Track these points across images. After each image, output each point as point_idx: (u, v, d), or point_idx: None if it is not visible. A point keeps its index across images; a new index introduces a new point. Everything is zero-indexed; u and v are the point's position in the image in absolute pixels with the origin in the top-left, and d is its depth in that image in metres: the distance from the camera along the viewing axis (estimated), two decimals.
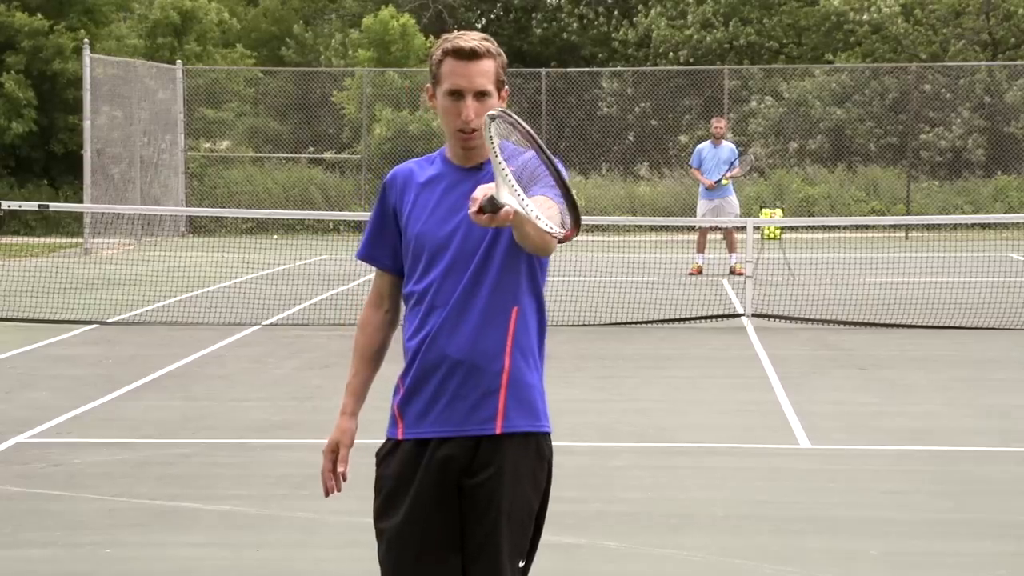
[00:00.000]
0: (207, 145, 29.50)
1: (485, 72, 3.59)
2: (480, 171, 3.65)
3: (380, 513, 3.70)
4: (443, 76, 3.60)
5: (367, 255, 3.85)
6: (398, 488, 3.66)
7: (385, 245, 3.79)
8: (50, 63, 27.75)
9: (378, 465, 3.75)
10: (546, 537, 3.78)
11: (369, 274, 15.17)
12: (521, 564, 3.66)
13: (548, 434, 3.72)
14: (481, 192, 3.18)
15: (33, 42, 27.74)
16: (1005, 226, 24.63)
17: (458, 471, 3.61)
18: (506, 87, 3.69)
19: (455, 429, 3.62)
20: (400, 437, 3.68)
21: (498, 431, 3.61)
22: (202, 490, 7.21)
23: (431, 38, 33.09)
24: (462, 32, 3.68)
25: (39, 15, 27.92)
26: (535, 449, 3.67)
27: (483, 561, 3.60)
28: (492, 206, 3.15)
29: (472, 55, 3.58)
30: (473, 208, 3.17)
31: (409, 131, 28.21)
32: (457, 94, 3.59)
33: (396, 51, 31.07)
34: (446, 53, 3.60)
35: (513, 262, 3.57)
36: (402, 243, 3.74)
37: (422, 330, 3.64)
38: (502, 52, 3.68)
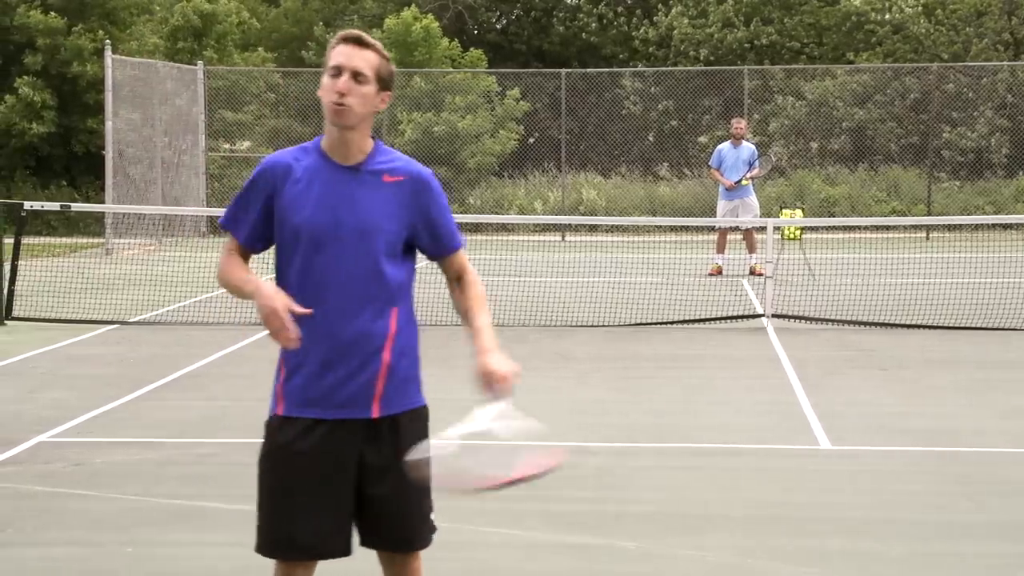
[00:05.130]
0: (227, 146, 29.55)
1: (367, 59, 3.86)
2: (358, 172, 3.87)
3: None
4: (329, 58, 3.89)
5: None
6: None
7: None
8: (70, 65, 27.84)
9: None
10: (564, 537, 3.79)
11: None
12: None
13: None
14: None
15: (51, 40, 27.84)
16: None
17: None
18: (389, 92, 3.92)
19: None
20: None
21: None
22: (223, 490, 7.23)
23: (455, 41, 33.11)
24: None
25: (55, 15, 28.01)
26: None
27: None
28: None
29: (358, 41, 3.88)
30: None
31: (434, 132, 28.30)
32: (337, 70, 3.85)
33: (419, 54, 31.04)
34: (338, 40, 3.92)
35: None
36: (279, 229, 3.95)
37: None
38: (391, 61, 3.95)
